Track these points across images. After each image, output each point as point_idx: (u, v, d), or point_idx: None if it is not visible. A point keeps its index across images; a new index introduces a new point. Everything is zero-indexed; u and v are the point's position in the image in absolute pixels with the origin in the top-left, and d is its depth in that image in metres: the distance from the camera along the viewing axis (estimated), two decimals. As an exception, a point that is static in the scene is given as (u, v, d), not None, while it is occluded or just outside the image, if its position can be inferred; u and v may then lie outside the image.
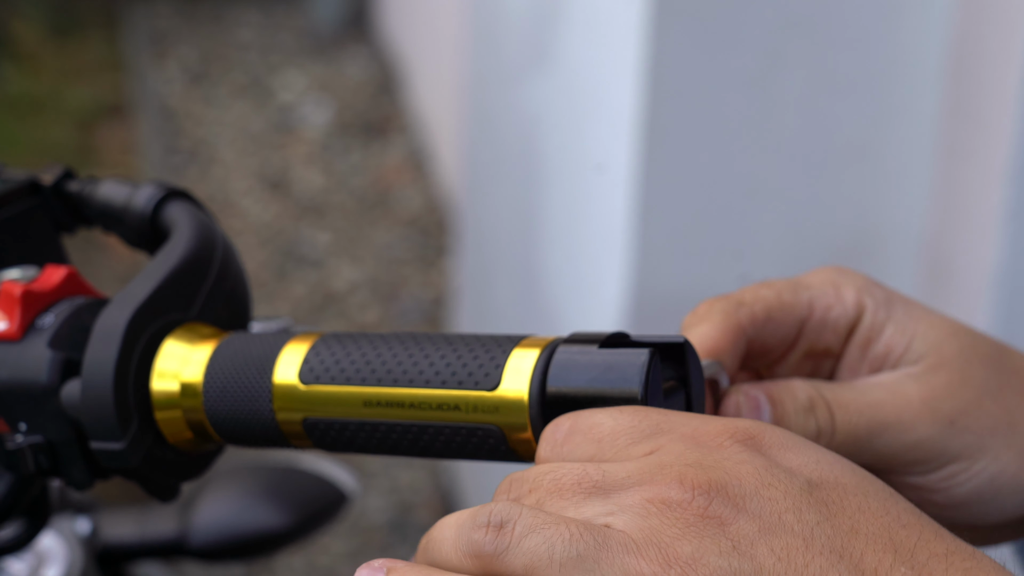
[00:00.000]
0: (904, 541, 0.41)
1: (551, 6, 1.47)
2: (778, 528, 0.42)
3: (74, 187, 0.64)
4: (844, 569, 0.41)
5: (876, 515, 0.42)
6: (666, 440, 0.45)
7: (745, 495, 0.42)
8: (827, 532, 0.41)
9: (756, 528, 0.42)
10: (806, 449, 0.44)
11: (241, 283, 0.61)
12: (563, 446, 0.46)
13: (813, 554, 0.41)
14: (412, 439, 0.52)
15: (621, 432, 0.46)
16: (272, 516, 1.11)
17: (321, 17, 3.49)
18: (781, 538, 0.41)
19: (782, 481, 0.43)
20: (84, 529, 1.01)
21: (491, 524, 0.43)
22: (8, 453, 0.57)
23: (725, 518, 0.42)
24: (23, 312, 0.57)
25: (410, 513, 2.26)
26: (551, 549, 0.42)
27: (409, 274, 2.75)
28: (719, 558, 0.41)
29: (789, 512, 0.42)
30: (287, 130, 3.17)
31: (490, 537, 0.43)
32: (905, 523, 0.42)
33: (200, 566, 1.19)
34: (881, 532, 0.42)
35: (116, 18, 3.58)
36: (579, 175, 1.42)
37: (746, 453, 0.44)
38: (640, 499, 0.42)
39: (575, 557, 0.42)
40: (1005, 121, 1.15)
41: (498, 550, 0.43)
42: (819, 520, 0.42)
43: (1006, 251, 1.17)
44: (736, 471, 0.43)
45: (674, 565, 0.41)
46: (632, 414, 0.46)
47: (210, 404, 0.55)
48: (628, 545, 0.41)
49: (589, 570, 0.41)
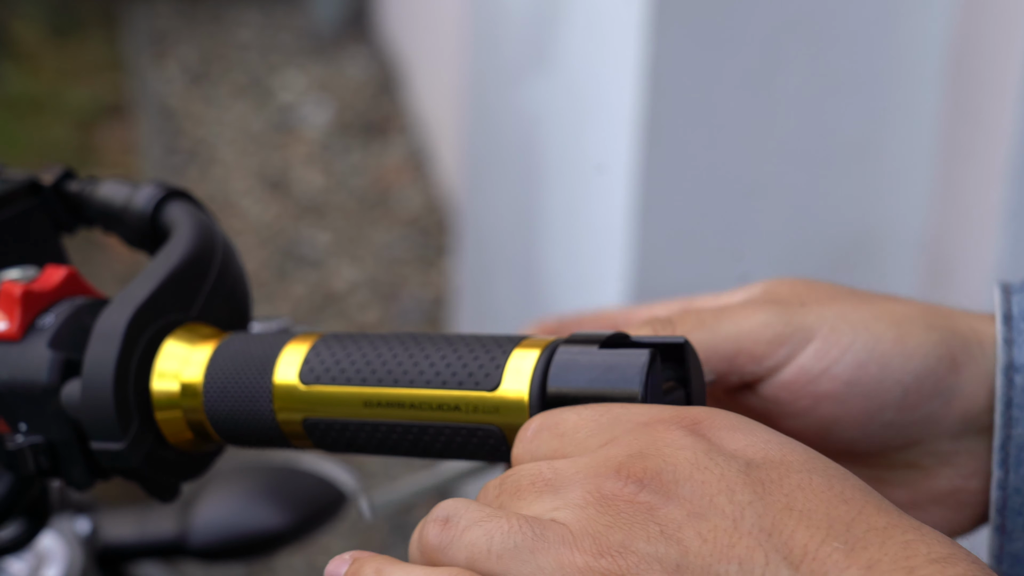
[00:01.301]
0: (842, 516, 0.41)
1: (551, 6, 1.47)
2: (708, 511, 0.42)
3: (74, 187, 0.64)
4: (771, 547, 0.41)
5: (817, 491, 0.42)
6: (621, 431, 0.46)
7: (678, 480, 0.43)
8: (758, 511, 0.41)
9: (685, 512, 0.42)
10: (754, 431, 0.45)
11: (241, 283, 0.61)
12: (531, 443, 0.48)
13: (741, 534, 0.41)
14: (412, 439, 0.52)
15: (581, 426, 0.47)
16: (272, 516, 1.11)
17: (321, 17, 3.49)
18: (710, 520, 0.42)
19: (718, 464, 0.43)
20: (84, 529, 1.01)
21: (438, 519, 0.46)
22: (8, 453, 0.57)
23: (654, 504, 0.42)
24: (23, 312, 0.57)
25: (410, 513, 2.26)
26: (490, 540, 0.44)
27: (409, 274, 2.75)
28: (647, 544, 0.42)
29: (721, 494, 0.42)
30: (287, 130, 3.17)
31: (436, 530, 0.45)
32: (847, 498, 0.42)
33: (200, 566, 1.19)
34: (818, 508, 0.41)
35: (116, 18, 3.58)
36: (579, 175, 1.42)
37: (688, 438, 0.44)
38: (582, 492, 0.44)
39: (512, 548, 0.43)
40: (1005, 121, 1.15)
41: (442, 543, 0.45)
42: (751, 500, 0.42)
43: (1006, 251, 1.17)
44: (673, 457, 0.43)
45: (606, 554, 0.42)
46: (594, 409, 0.47)
47: (210, 404, 0.55)
48: (565, 537, 0.43)
49: (525, 561, 0.43)
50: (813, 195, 1.26)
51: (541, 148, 1.57)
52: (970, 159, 1.21)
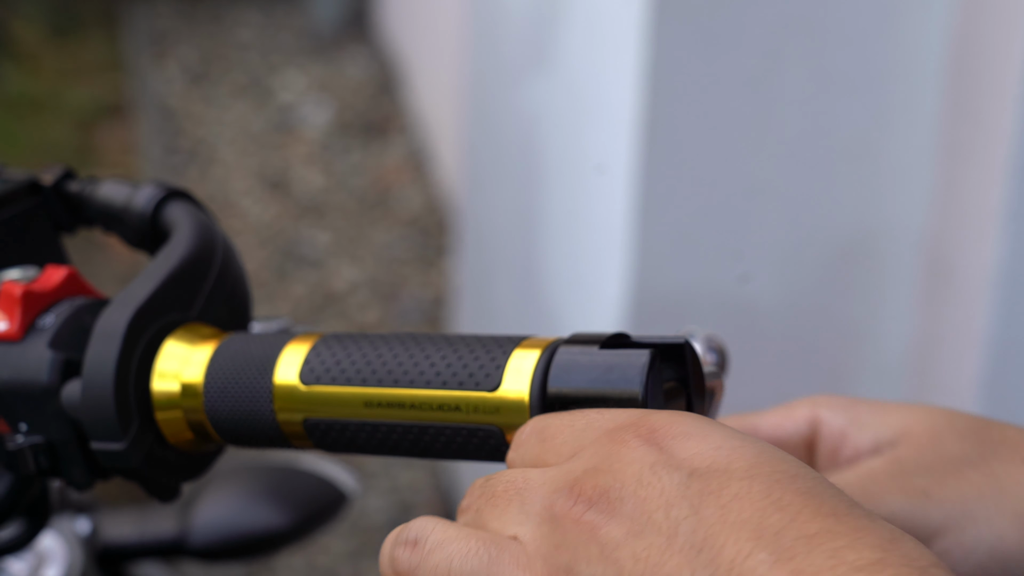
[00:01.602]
0: (773, 524, 0.40)
1: (551, 6, 1.47)
2: (645, 529, 0.42)
3: (74, 187, 0.64)
4: (699, 564, 0.40)
5: (754, 500, 0.41)
6: (588, 440, 0.46)
7: (623, 497, 0.43)
8: (692, 526, 0.41)
9: (624, 531, 0.42)
10: (708, 436, 0.44)
11: (241, 283, 0.61)
12: (519, 447, 0.48)
13: (672, 552, 0.41)
14: (413, 440, 0.52)
15: (560, 433, 0.47)
16: (272, 516, 1.11)
17: (321, 17, 3.49)
18: (645, 539, 0.41)
19: (661, 479, 0.42)
20: (84, 529, 1.01)
21: (407, 541, 0.46)
22: (8, 453, 0.57)
23: (597, 524, 0.42)
24: (23, 312, 0.57)
25: (410, 513, 2.26)
26: (450, 564, 0.45)
27: (409, 274, 2.75)
28: (587, 566, 0.42)
29: (659, 511, 0.42)
30: (287, 130, 3.17)
31: (406, 554, 0.46)
32: (783, 505, 0.41)
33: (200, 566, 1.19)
34: (751, 518, 0.40)
35: (116, 18, 3.58)
36: (579, 175, 1.42)
37: (640, 450, 0.44)
38: (540, 508, 0.44)
39: (469, 572, 0.44)
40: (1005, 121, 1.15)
41: (411, 566, 0.46)
42: (687, 515, 0.41)
43: (1006, 251, 1.17)
44: (622, 473, 0.43)
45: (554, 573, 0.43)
46: (574, 415, 0.47)
47: (211, 404, 0.55)
48: (519, 559, 0.44)
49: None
50: (813, 195, 1.26)
51: (541, 148, 1.57)
52: (970, 159, 1.21)
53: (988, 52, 1.18)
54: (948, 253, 1.26)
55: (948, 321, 1.26)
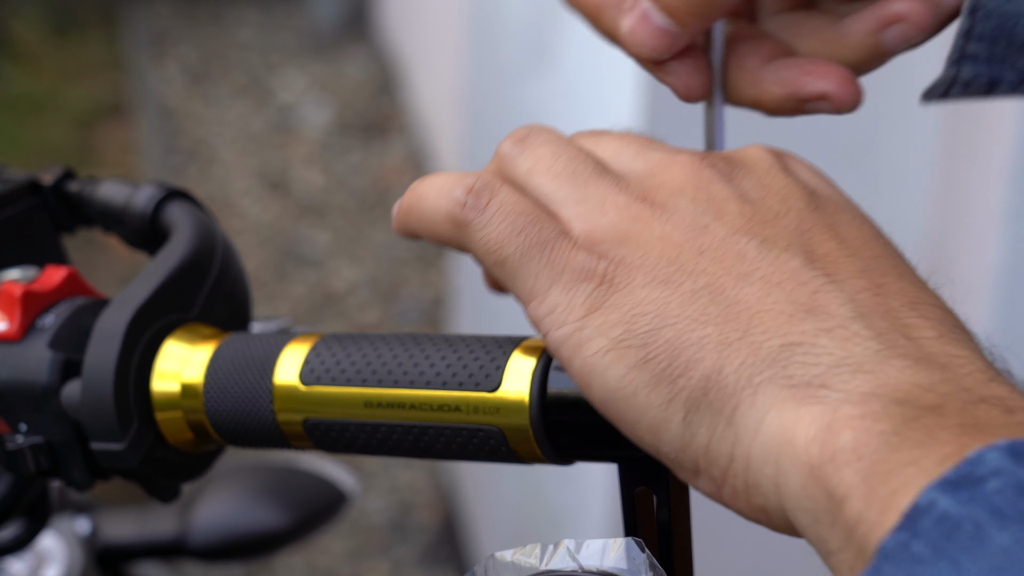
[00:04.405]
0: (871, 252, 0.44)
1: (551, 6, 1.47)
2: (759, 202, 0.44)
3: (74, 187, 0.64)
4: (796, 242, 0.43)
5: (858, 231, 0.45)
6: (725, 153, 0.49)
7: (747, 174, 0.45)
8: (801, 217, 0.44)
9: (737, 195, 0.44)
10: (825, 177, 0.47)
11: (241, 283, 0.61)
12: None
13: (775, 225, 0.43)
14: (413, 440, 0.52)
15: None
16: (272, 516, 1.11)
17: (321, 17, 3.49)
18: (756, 207, 0.44)
19: (784, 178, 0.46)
20: (84, 529, 1.01)
21: (517, 135, 0.48)
22: (8, 454, 0.57)
23: (712, 179, 0.45)
24: (23, 312, 0.57)
25: (410, 513, 2.26)
26: (555, 159, 0.47)
27: (409, 274, 2.75)
28: (690, 204, 0.44)
29: (776, 196, 0.45)
30: (287, 130, 3.17)
31: (511, 144, 0.48)
32: (880, 252, 0.44)
33: (200, 566, 1.19)
34: (854, 241, 0.44)
35: (116, 18, 3.58)
36: (579, 175, 1.42)
37: (767, 156, 0.47)
38: (662, 154, 0.46)
39: (570, 173, 0.46)
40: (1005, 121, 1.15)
41: (512, 154, 0.48)
42: (800, 208, 0.44)
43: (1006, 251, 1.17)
44: (751, 163, 0.46)
45: (646, 200, 0.44)
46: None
47: (211, 405, 0.55)
48: (619, 179, 0.46)
49: (575, 187, 0.45)
50: (813, 195, 1.26)
51: (541, 148, 1.57)
52: (970, 159, 1.21)
53: (988, 52, 1.18)
54: (948, 253, 1.26)
55: (948, 321, 1.26)
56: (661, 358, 0.41)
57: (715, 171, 0.45)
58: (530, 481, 1.76)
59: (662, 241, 0.43)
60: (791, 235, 0.43)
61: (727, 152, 0.47)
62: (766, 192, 0.45)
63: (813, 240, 0.43)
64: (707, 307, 0.41)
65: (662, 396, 0.41)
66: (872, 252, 0.43)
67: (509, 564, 0.46)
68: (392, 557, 2.19)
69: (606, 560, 0.45)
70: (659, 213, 0.44)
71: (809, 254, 0.42)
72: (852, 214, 0.45)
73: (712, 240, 0.43)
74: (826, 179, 0.47)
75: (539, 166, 0.46)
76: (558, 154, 0.46)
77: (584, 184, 0.45)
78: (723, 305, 0.41)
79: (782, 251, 0.42)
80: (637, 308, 0.42)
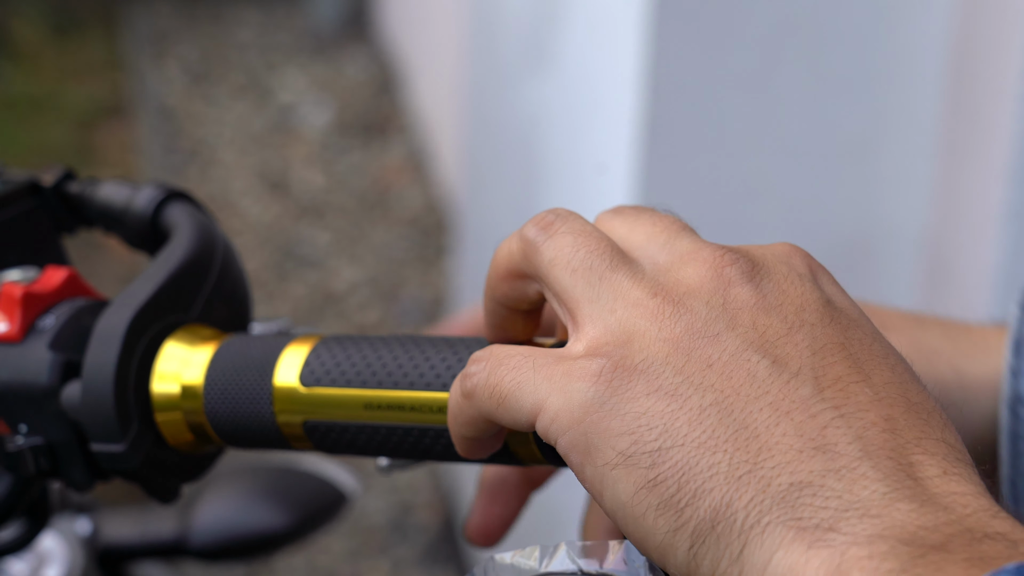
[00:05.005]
0: (884, 378, 0.42)
1: (551, 6, 1.47)
2: (774, 311, 0.43)
3: (75, 188, 0.64)
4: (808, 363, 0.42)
5: (871, 351, 0.43)
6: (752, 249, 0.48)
7: (768, 279, 0.44)
8: (815, 333, 0.43)
9: (754, 302, 0.43)
10: (846, 293, 0.46)
11: (241, 284, 0.61)
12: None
13: (788, 341, 0.42)
14: (413, 442, 0.52)
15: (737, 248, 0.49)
16: (272, 516, 1.11)
17: (321, 17, 3.49)
18: (770, 318, 0.43)
19: (805, 286, 0.45)
20: (84, 529, 1.01)
21: (543, 219, 0.47)
22: (9, 455, 0.57)
23: (733, 281, 0.44)
24: (24, 313, 0.57)
25: (410, 513, 2.26)
26: (575, 254, 0.46)
27: (409, 274, 2.75)
28: (703, 307, 0.43)
29: (793, 306, 0.44)
30: (287, 130, 3.17)
31: (536, 230, 0.47)
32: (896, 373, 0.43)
33: (200, 566, 1.19)
34: (867, 361, 0.43)
35: (116, 18, 3.58)
36: (579, 175, 1.42)
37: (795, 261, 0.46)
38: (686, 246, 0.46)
39: (587, 268, 0.45)
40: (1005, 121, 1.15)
41: (536, 242, 0.47)
42: (815, 322, 0.43)
43: (1006, 251, 1.17)
44: (775, 266, 0.45)
45: (659, 295, 0.44)
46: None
47: (211, 406, 0.55)
48: (635, 274, 0.45)
49: (591, 284, 0.45)
50: (813, 195, 1.26)
51: (541, 148, 1.57)
52: (970, 159, 1.21)
53: (988, 52, 1.18)
54: (948, 253, 1.26)
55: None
56: (670, 483, 0.40)
57: (736, 270, 0.44)
58: (530, 481, 1.76)
59: (669, 345, 0.42)
60: (803, 355, 0.42)
61: (753, 249, 0.46)
62: (783, 299, 0.44)
63: (825, 361, 0.42)
64: (716, 428, 0.41)
65: (669, 523, 0.40)
66: (882, 377, 0.42)
67: (509, 566, 0.46)
68: (392, 557, 2.19)
69: (606, 562, 0.45)
70: (671, 312, 0.43)
71: (819, 380, 0.41)
72: (864, 331, 0.44)
73: (722, 353, 0.42)
74: (843, 291, 0.46)
75: (559, 258, 0.46)
76: (578, 246, 0.46)
77: (599, 280, 0.45)
78: (732, 428, 0.40)
79: (793, 376, 0.41)
80: (643, 420, 0.41)
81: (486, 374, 0.45)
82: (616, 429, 0.41)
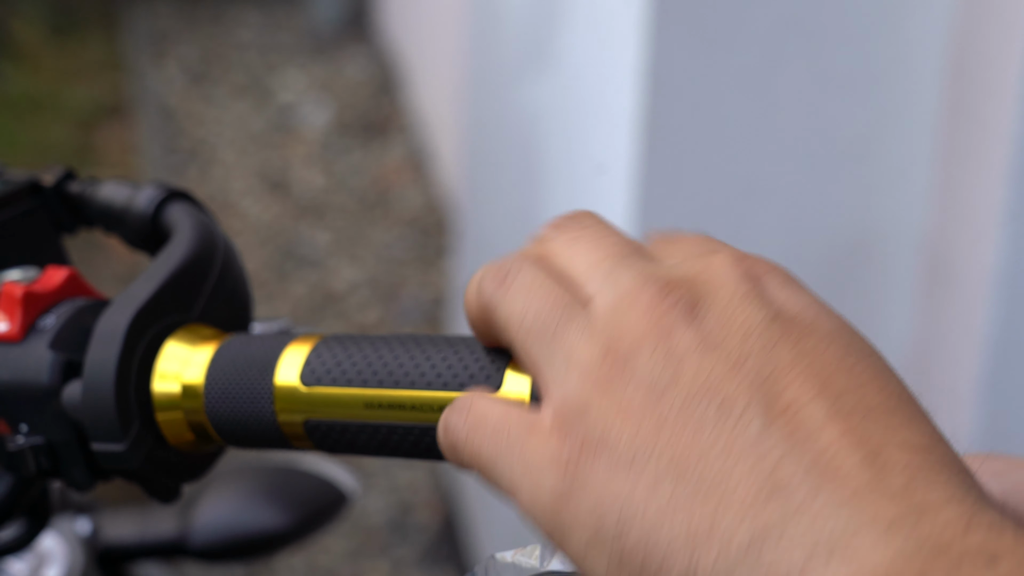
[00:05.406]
0: (839, 385, 0.41)
1: (551, 6, 1.47)
2: (718, 348, 0.42)
3: (75, 188, 0.64)
4: (758, 396, 0.40)
5: (828, 358, 0.41)
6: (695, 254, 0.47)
7: (708, 314, 0.43)
8: (762, 360, 0.41)
9: (697, 343, 0.42)
10: (803, 293, 0.45)
11: (242, 284, 0.61)
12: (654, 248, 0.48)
13: (735, 378, 0.41)
14: (413, 441, 0.52)
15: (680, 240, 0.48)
16: (272, 516, 1.11)
17: (321, 17, 3.49)
18: (713, 357, 0.41)
19: (747, 309, 0.43)
20: (85, 529, 1.01)
21: (499, 271, 0.47)
22: (9, 454, 0.57)
23: (673, 327, 0.42)
24: (24, 313, 0.57)
25: (410, 513, 2.26)
26: (525, 313, 0.45)
27: (409, 274, 2.75)
28: (648, 360, 0.42)
29: (736, 336, 0.42)
30: (287, 130, 3.17)
31: (492, 286, 0.47)
32: (855, 373, 0.41)
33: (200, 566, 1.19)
34: (820, 372, 0.41)
35: (116, 18, 3.58)
36: (579, 175, 1.42)
37: (738, 279, 0.44)
38: (628, 285, 0.44)
39: (539, 328, 0.45)
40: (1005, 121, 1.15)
41: (494, 299, 0.47)
42: (760, 348, 0.41)
43: (1006, 251, 1.17)
44: (716, 292, 0.43)
45: (608, 357, 0.42)
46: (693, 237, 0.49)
47: (211, 406, 0.55)
48: (585, 329, 0.44)
49: (544, 343, 0.44)
50: (813, 195, 1.26)
51: (541, 148, 1.57)
52: (970, 159, 1.21)
53: (988, 52, 1.18)
54: (948, 253, 1.26)
55: (948, 321, 1.26)
56: (636, 556, 0.40)
57: (677, 314, 0.43)
58: (530, 481, 1.76)
59: (622, 414, 0.42)
60: (750, 389, 0.41)
61: (696, 275, 0.44)
62: (726, 332, 0.42)
63: (774, 389, 0.41)
64: (673, 491, 0.40)
65: None
66: (839, 385, 0.41)
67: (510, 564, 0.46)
68: (392, 557, 2.19)
69: None
70: (619, 373, 0.42)
71: (768, 412, 0.40)
72: (819, 335, 0.42)
73: (670, 410, 0.41)
74: (799, 291, 0.45)
75: (513, 318, 0.45)
76: (528, 303, 0.45)
77: (552, 339, 0.44)
78: (689, 487, 0.40)
79: (740, 415, 0.40)
80: (605, 500, 0.41)
81: (464, 434, 0.46)
82: (583, 514, 0.41)
